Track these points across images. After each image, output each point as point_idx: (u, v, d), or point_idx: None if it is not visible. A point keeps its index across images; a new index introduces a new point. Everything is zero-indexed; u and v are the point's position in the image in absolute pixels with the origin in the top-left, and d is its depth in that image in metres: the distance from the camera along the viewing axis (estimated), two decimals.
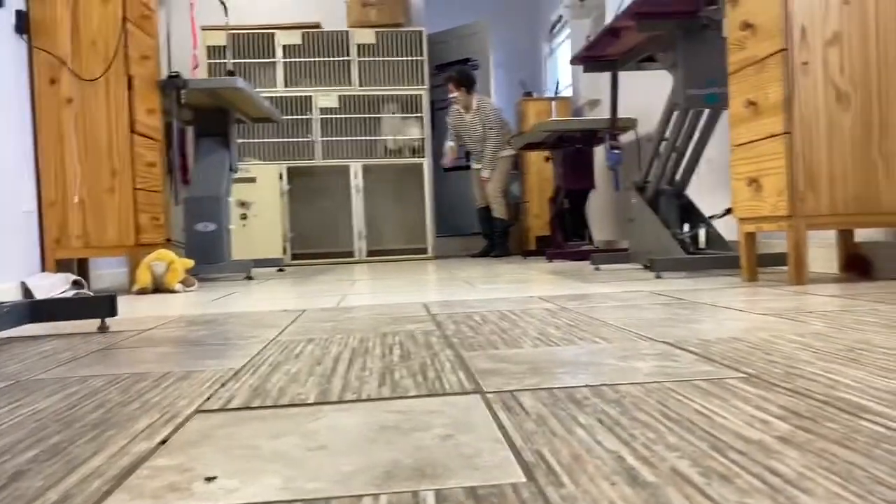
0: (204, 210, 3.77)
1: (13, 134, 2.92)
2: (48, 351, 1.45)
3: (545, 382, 0.92)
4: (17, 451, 0.73)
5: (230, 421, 0.81)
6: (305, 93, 5.90)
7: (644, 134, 4.43)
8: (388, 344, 1.32)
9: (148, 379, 1.09)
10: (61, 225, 3.05)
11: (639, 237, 3.30)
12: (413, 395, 0.89)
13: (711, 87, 2.91)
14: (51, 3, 3.07)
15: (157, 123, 3.39)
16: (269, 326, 1.68)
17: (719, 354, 1.07)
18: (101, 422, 0.83)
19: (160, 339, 1.54)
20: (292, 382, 1.01)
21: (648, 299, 1.92)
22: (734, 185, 2.46)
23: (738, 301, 1.80)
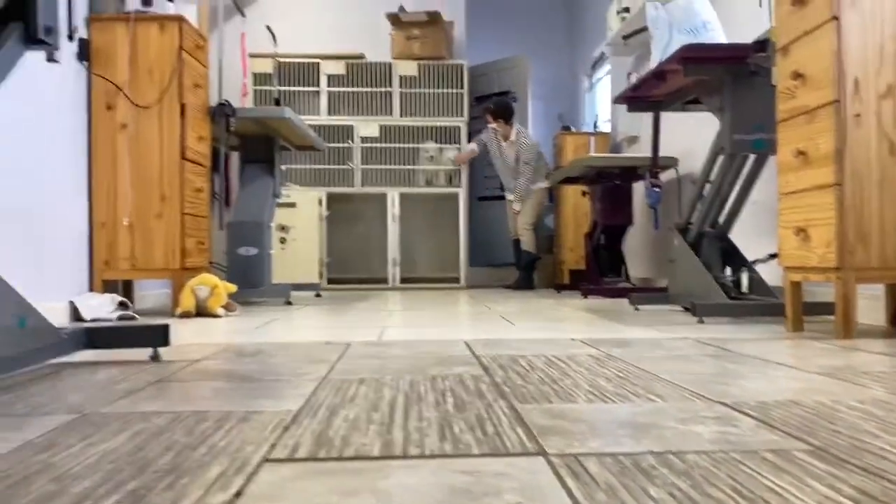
0: (247, 235, 3.83)
1: (70, 156, 3.01)
2: (105, 381, 1.48)
3: (608, 446, 0.92)
4: (98, 497, 0.75)
5: (300, 474, 0.82)
6: (347, 122, 5.99)
7: (685, 173, 4.42)
8: (440, 389, 1.33)
9: (209, 419, 1.11)
10: (110, 246, 3.12)
11: (680, 279, 3.28)
12: (476, 453, 0.90)
13: (758, 133, 2.90)
14: (111, 31, 3.18)
15: (206, 150, 3.46)
16: (318, 361, 1.70)
17: (780, 421, 1.06)
18: (173, 467, 0.85)
19: (213, 373, 1.57)
20: (354, 430, 1.02)
21: (695, 349, 1.90)
22: (781, 234, 2.44)
23: (788, 356, 1.78)
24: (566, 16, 7.96)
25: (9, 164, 2.60)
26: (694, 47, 2.86)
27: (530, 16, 7.94)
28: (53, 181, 2.89)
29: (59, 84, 2.95)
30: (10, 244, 2.60)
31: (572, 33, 7.87)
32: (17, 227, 2.64)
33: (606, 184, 4.79)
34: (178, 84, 3.20)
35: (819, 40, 2.21)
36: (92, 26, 3.17)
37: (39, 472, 0.84)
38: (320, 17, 6.32)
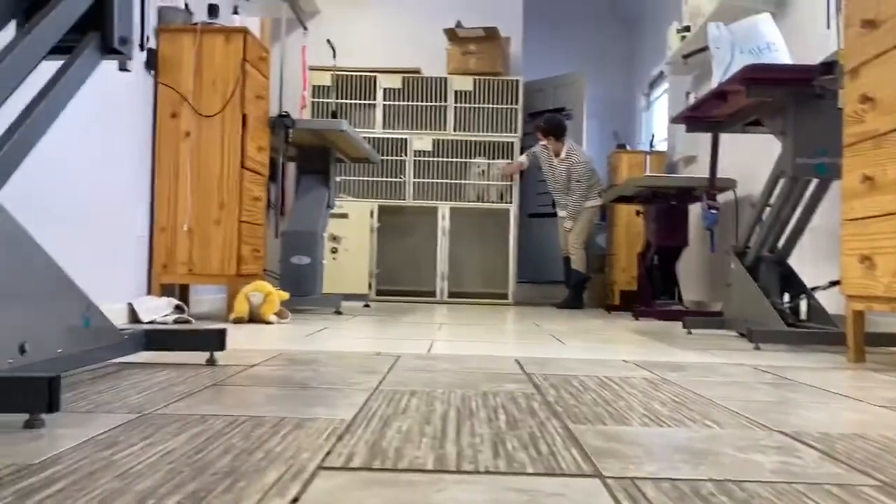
0: (301, 244, 3.89)
1: (135, 163, 3.11)
2: (163, 382, 1.52)
3: (665, 471, 0.90)
4: (160, 496, 0.77)
5: (354, 483, 0.83)
6: (401, 135, 6.05)
7: (743, 195, 4.33)
8: (492, 406, 1.33)
9: (265, 425, 1.12)
10: (169, 251, 3.21)
11: (736, 303, 3.21)
12: (531, 472, 0.89)
13: (822, 157, 2.83)
14: (178, 42, 3.28)
15: (265, 160, 3.54)
16: (369, 372, 1.71)
17: (845, 454, 1.02)
18: (232, 470, 0.87)
19: (267, 379, 1.59)
20: (407, 443, 1.02)
21: (753, 376, 1.86)
22: (844, 261, 2.37)
23: (850, 387, 1.72)
24: (625, 33, 7.91)
25: (77, 168, 2.70)
26: (758, 68, 2.81)
27: (588, 32, 7.92)
28: (119, 186, 2.98)
29: (128, 92, 3.06)
30: (75, 245, 2.69)
31: (631, 51, 7.82)
32: (82, 229, 2.74)
33: (662, 204, 4.72)
34: (241, 95, 3.28)
35: (890, 63, 2.15)
36: (160, 37, 3.28)
37: (103, 469, 0.86)
38: (378, 31, 6.41)
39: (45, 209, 2.51)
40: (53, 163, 2.55)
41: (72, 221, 2.66)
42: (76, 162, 2.69)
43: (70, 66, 1.46)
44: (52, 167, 2.54)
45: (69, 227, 2.65)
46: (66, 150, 2.62)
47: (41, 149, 2.38)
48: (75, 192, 2.68)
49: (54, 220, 2.56)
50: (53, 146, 2.53)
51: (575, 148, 5.64)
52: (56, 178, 2.57)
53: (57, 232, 2.57)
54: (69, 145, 2.64)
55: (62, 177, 2.60)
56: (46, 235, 2.39)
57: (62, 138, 2.59)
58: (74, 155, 2.68)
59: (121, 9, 1.58)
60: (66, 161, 2.62)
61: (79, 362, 1.46)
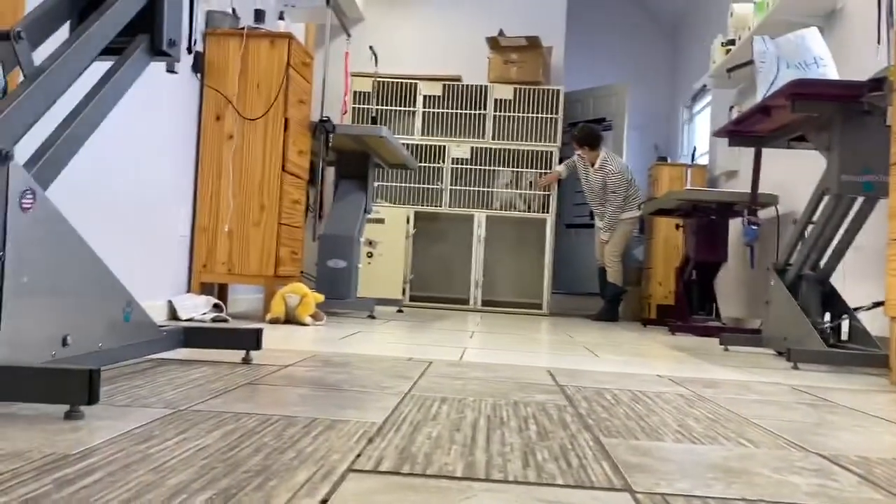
0: (337, 247, 3.92)
1: (180, 163, 3.17)
2: (199, 379, 1.54)
3: (697, 489, 0.89)
4: (192, 491, 0.78)
5: (384, 487, 0.83)
6: (440, 142, 6.07)
7: (785, 212, 4.26)
8: (522, 416, 1.32)
9: (297, 425, 1.14)
10: (210, 251, 3.26)
11: (775, 321, 3.15)
12: (560, 483, 0.89)
13: (868, 175, 2.76)
14: (224, 46, 3.34)
15: (305, 164, 3.58)
16: (401, 377, 1.72)
17: (885, 479, 1.00)
18: (263, 469, 0.88)
19: (301, 379, 1.61)
20: (436, 449, 1.02)
21: (790, 396, 1.82)
22: (889, 281, 2.31)
23: (892, 410, 1.68)
24: (669, 46, 7.84)
25: (123, 167, 2.76)
26: (804, 82, 2.76)
27: (631, 44, 7.86)
28: (163, 185, 3.05)
29: (174, 94, 3.12)
30: (118, 242, 2.75)
31: (674, 63, 7.74)
32: (126, 227, 2.80)
33: (701, 218, 4.66)
34: (284, 99, 3.32)
35: None
36: (207, 40, 3.34)
37: (138, 462, 0.88)
38: (420, 38, 6.45)
39: (91, 207, 2.58)
40: (100, 162, 2.62)
41: (116, 219, 2.73)
42: (122, 161, 2.75)
43: (120, 67, 1.50)
44: (99, 166, 2.61)
45: (113, 225, 2.71)
46: (112, 149, 2.69)
47: (89, 147, 2.45)
48: (120, 191, 2.74)
49: (99, 217, 2.62)
50: (100, 146, 2.60)
51: (610, 158, 5.58)
52: (102, 176, 2.63)
53: (101, 229, 2.63)
54: (116, 145, 2.70)
55: (108, 176, 2.67)
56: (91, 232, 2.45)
57: (110, 138, 2.65)
58: (121, 154, 2.74)
59: (170, 12, 1.62)
60: (112, 160, 2.69)
61: (118, 357, 1.49)
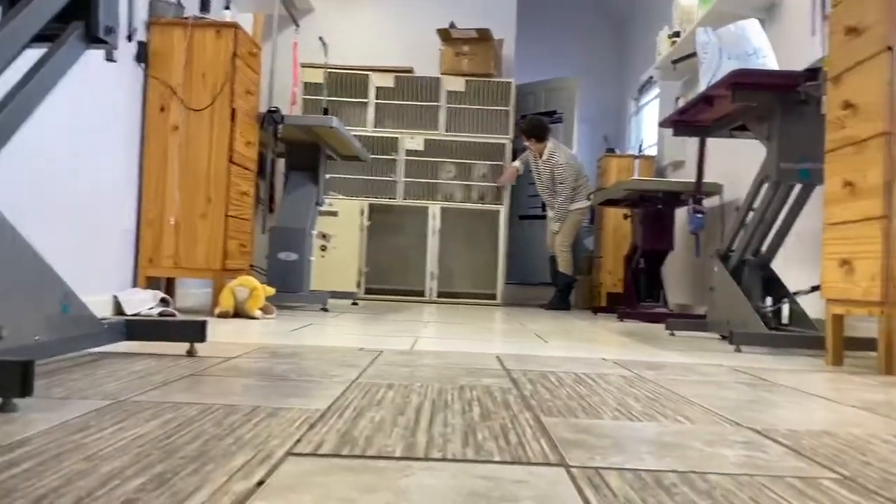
0: (288, 240, 3.89)
1: (123, 155, 3.11)
2: (141, 371, 1.52)
3: (630, 462, 0.92)
4: (125, 477, 0.77)
5: (322, 468, 0.84)
6: (393, 134, 6.06)
7: (729, 200, 4.36)
8: (467, 399, 1.34)
9: (238, 413, 1.13)
10: (156, 245, 3.20)
11: (719, 306, 3.23)
12: (497, 460, 0.90)
13: (805, 163, 2.85)
14: (169, 35, 3.28)
15: (253, 155, 3.54)
16: (349, 366, 1.72)
17: (810, 450, 1.04)
18: (200, 454, 0.87)
19: (246, 370, 1.60)
20: (378, 432, 1.03)
21: (730, 376, 1.87)
22: (825, 265, 2.39)
23: (826, 388, 1.74)
24: (616, 38, 7.95)
25: (65, 159, 2.69)
26: (744, 73, 2.83)
27: (580, 37, 7.94)
28: (106, 178, 2.98)
29: (117, 85, 3.05)
30: (60, 236, 2.68)
31: (622, 56, 7.85)
32: (68, 220, 2.73)
33: (649, 208, 4.75)
34: (230, 89, 3.28)
35: (872, 70, 2.17)
36: (151, 30, 3.27)
37: (71, 451, 0.87)
38: (372, 30, 6.42)
39: (30, 200, 2.51)
40: (39, 154, 2.54)
41: (57, 213, 2.66)
42: (63, 154, 2.68)
43: (53, 55, 1.47)
44: (38, 158, 2.54)
45: (54, 219, 2.65)
46: (52, 141, 2.62)
47: (28, 140, 2.38)
48: (61, 184, 2.68)
49: (39, 211, 2.55)
50: (39, 137, 2.53)
51: (558, 149, 5.63)
52: (41, 169, 2.56)
53: (41, 223, 2.56)
54: (56, 137, 2.63)
55: (48, 168, 2.60)
56: (30, 226, 2.38)
57: (49, 129, 2.58)
58: (61, 147, 2.67)
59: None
60: (52, 153, 2.62)
61: (56, 350, 1.46)
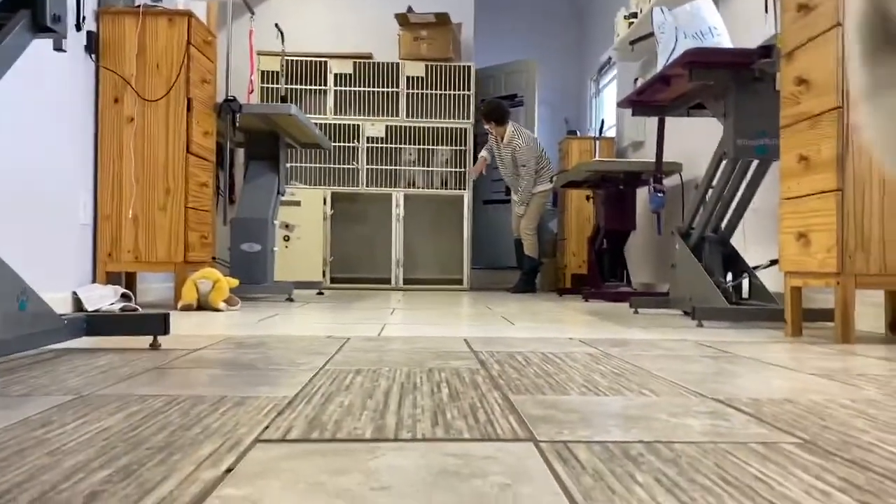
0: (250, 231, 3.84)
1: (77, 148, 3.03)
2: (104, 366, 1.49)
3: (598, 435, 0.93)
4: (90, 470, 0.76)
5: (291, 454, 0.83)
6: (354, 121, 6.01)
7: (689, 178, 4.42)
8: (436, 381, 1.34)
9: (205, 403, 1.12)
10: (114, 239, 3.14)
11: (681, 283, 3.28)
12: (467, 437, 0.91)
13: (762, 139, 2.91)
14: (120, 25, 3.20)
15: (211, 145, 3.48)
16: (316, 353, 1.71)
17: (772, 416, 1.06)
18: (167, 445, 0.86)
19: (212, 361, 1.58)
20: (347, 416, 1.03)
21: (693, 350, 1.91)
22: (782, 239, 2.45)
23: (785, 358, 1.78)
24: (575, 21, 7.98)
25: (15, 154, 2.62)
26: (699, 51, 2.87)
27: (539, 20, 7.95)
28: (60, 172, 2.91)
29: (68, 76, 2.97)
30: (13, 233, 2.61)
31: (580, 38, 7.89)
32: (21, 217, 2.66)
33: (610, 188, 4.79)
34: (186, 79, 3.21)
35: (823, 46, 2.22)
36: (101, 19, 3.19)
37: (34, 447, 0.85)
38: (328, 16, 6.35)
39: None
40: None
41: (10, 210, 2.59)
42: (13, 149, 2.61)
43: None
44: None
45: (6, 216, 2.58)
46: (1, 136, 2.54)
47: None
48: (12, 180, 2.60)
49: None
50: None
51: (518, 133, 5.63)
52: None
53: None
54: (4, 131, 2.56)
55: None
56: None
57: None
58: (11, 141, 2.60)
59: None
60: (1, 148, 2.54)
61: (14, 347, 1.43)
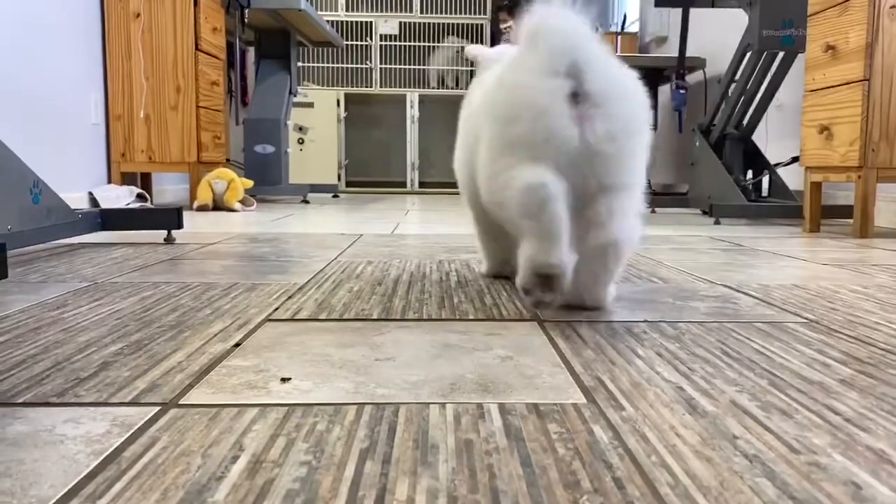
0: (263, 132, 3.81)
1: (83, 47, 2.98)
2: (119, 258, 1.51)
3: (602, 315, 0.93)
4: (103, 344, 0.78)
5: (300, 330, 0.85)
6: (366, 18, 5.84)
7: (712, 75, 4.29)
8: (445, 271, 1.35)
9: (217, 288, 1.13)
10: (127, 139, 3.13)
11: (700, 181, 3.24)
12: (472, 318, 0.92)
13: (788, 29, 2.79)
14: None
15: (221, 42, 3.41)
16: (329, 247, 1.72)
17: (780, 299, 1.06)
18: (178, 324, 0.88)
19: (225, 254, 1.60)
20: (356, 299, 1.04)
21: (707, 244, 1.90)
22: (804, 133, 2.38)
23: (800, 250, 1.77)
24: None
25: (21, 55, 2.58)
26: None
27: None
28: (67, 72, 2.87)
29: None
30: (27, 135, 2.61)
31: None
32: (33, 118, 2.65)
33: None
34: None
35: None
36: None
37: (49, 325, 0.87)
38: None
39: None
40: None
41: (21, 110, 2.57)
42: (18, 51, 2.57)
43: None
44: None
45: (19, 116, 2.56)
46: (6, 39, 2.50)
47: None
48: (20, 81, 2.57)
49: (1, 109, 2.47)
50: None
51: None
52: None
53: (5, 121, 2.48)
54: (7, 34, 2.51)
55: (5, 67, 2.49)
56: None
57: (1, 26, 2.46)
58: (15, 44, 2.55)
59: None
60: (7, 50, 2.50)
61: (30, 239, 1.45)
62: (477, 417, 0.55)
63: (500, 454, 0.48)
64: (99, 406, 0.58)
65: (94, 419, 0.55)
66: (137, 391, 0.62)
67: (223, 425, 0.53)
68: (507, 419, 0.55)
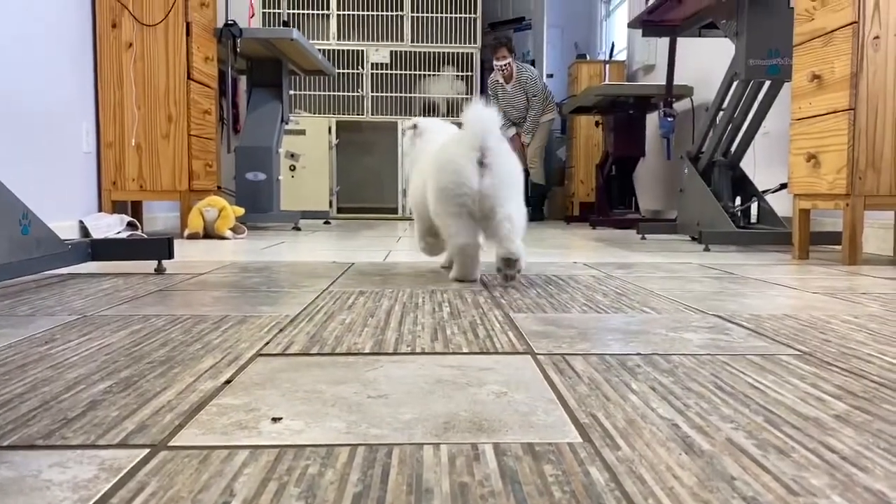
0: (255, 160, 3.82)
1: (76, 76, 2.99)
2: (109, 289, 1.50)
3: (596, 348, 0.93)
4: (92, 382, 0.77)
5: (291, 366, 0.84)
6: (357, 47, 5.89)
7: (700, 102, 4.33)
8: (437, 301, 1.34)
9: (207, 321, 1.12)
10: (118, 167, 3.13)
11: (688, 208, 3.26)
12: (465, 351, 0.91)
13: (774, 59, 2.83)
14: None
15: (212, 71, 3.42)
16: (320, 276, 1.72)
17: (772, 330, 1.06)
18: (168, 359, 0.87)
19: (215, 284, 1.59)
20: (348, 332, 1.03)
21: (697, 272, 1.90)
22: (792, 160, 2.41)
23: (790, 278, 1.78)
24: None
25: (13, 84, 2.58)
26: None
27: None
28: (59, 101, 2.87)
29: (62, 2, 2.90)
30: (18, 163, 2.60)
31: None
32: (24, 146, 2.64)
33: (619, 114, 4.71)
34: (184, 2, 3.13)
35: None
36: None
37: (37, 361, 0.86)
38: None
39: None
40: None
41: (13, 139, 2.57)
42: (10, 80, 2.57)
43: None
44: None
45: (10, 146, 2.56)
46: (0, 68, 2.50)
47: None
48: (13, 109, 2.57)
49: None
50: None
51: (524, 68, 5.54)
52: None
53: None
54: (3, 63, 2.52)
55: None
56: None
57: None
58: (7, 72, 2.56)
59: None
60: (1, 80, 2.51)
61: (19, 270, 1.44)
62: (472, 459, 0.54)
63: (495, 498, 0.47)
64: (86, 448, 0.57)
65: (80, 463, 0.54)
66: (126, 432, 0.61)
67: (213, 468, 0.53)
68: (502, 460, 0.54)
